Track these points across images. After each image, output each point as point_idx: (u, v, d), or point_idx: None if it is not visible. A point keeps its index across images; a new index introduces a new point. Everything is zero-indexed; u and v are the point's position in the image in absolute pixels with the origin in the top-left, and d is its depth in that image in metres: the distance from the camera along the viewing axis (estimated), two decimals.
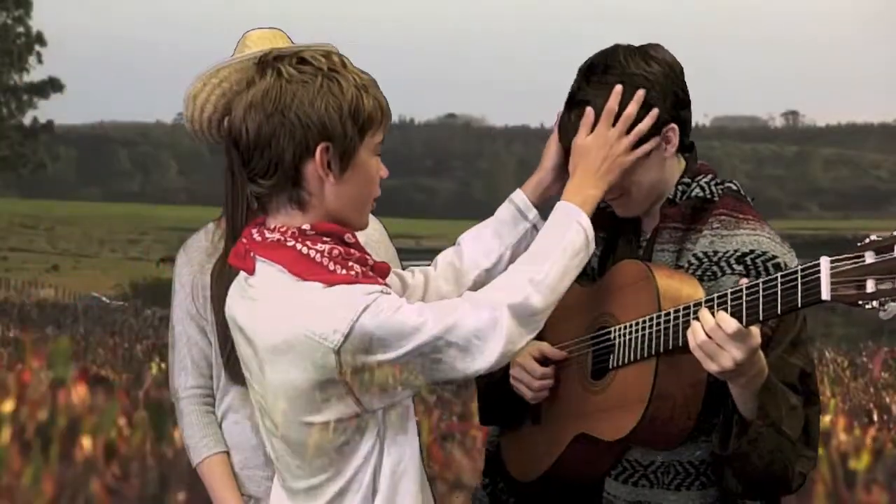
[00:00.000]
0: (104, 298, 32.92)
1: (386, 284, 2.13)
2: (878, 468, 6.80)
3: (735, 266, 2.26)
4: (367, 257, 2.13)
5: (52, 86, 46.02)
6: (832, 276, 1.94)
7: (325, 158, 2.06)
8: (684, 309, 2.16)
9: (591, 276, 2.47)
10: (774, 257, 2.26)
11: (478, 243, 2.34)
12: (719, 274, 2.27)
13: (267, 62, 2.10)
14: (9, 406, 7.11)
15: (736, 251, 2.27)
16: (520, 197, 2.36)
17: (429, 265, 2.39)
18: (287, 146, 2.04)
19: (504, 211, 2.36)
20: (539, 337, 2.45)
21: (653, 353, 2.19)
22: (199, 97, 2.60)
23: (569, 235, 2.18)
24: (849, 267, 1.93)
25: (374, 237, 2.76)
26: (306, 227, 2.09)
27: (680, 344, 2.15)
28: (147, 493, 5.72)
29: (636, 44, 2.37)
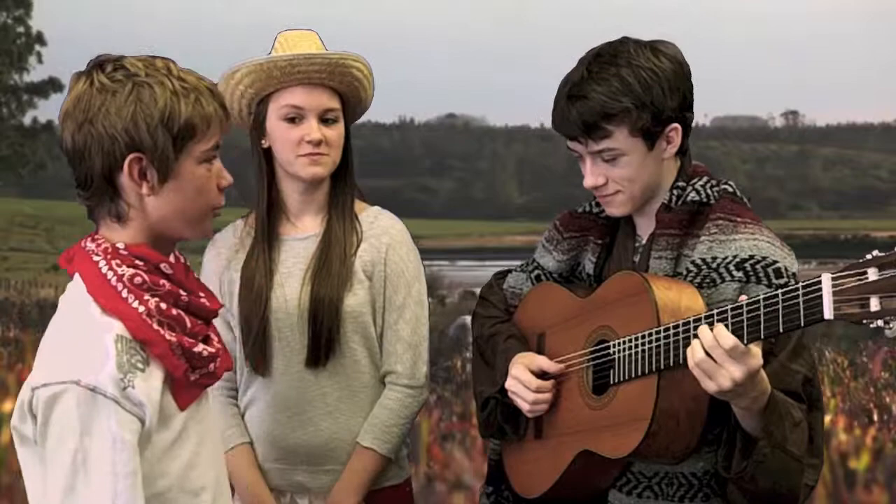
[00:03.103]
0: None
1: (209, 333, 2.03)
2: (878, 468, 6.79)
3: (735, 273, 2.20)
4: (182, 294, 2.00)
5: (52, 86, 45.98)
6: (834, 293, 1.87)
7: (135, 170, 1.95)
8: (684, 324, 2.10)
9: (588, 282, 2.44)
10: (774, 262, 2.20)
11: None
12: (718, 281, 2.21)
13: (86, 69, 1.98)
14: (9, 406, 7.10)
15: (735, 257, 2.21)
16: None
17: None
18: (97, 158, 1.94)
19: None
20: (537, 349, 2.43)
21: (653, 369, 2.14)
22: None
23: None
24: (851, 284, 1.86)
25: (396, 238, 2.80)
26: (121, 245, 1.98)
27: (681, 361, 2.10)
28: None
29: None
